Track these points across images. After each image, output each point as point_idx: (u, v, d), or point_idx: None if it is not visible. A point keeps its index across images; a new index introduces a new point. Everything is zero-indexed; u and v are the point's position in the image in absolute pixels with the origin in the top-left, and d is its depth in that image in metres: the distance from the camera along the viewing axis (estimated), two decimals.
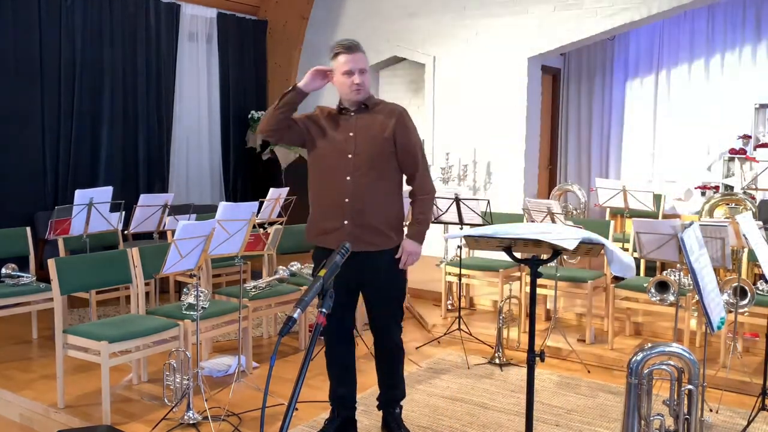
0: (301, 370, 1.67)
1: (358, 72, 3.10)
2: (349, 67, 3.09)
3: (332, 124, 3.21)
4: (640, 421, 2.57)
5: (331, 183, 3.17)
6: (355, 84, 3.10)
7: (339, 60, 3.11)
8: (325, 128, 3.20)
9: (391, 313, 3.33)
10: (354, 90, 3.12)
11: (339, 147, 3.16)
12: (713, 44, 8.44)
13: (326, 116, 3.24)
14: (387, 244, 3.21)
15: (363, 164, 3.13)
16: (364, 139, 3.15)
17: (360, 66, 3.10)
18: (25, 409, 3.88)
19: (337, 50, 3.12)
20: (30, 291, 4.76)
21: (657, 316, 5.19)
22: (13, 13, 6.53)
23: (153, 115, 7.79)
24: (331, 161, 3.17)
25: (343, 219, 3.14)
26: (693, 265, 2.67)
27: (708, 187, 7.93)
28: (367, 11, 8.46)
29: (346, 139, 3.16)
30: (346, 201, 3.13)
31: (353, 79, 3.10)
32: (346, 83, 3.12)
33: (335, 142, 3.17)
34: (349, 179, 3.13)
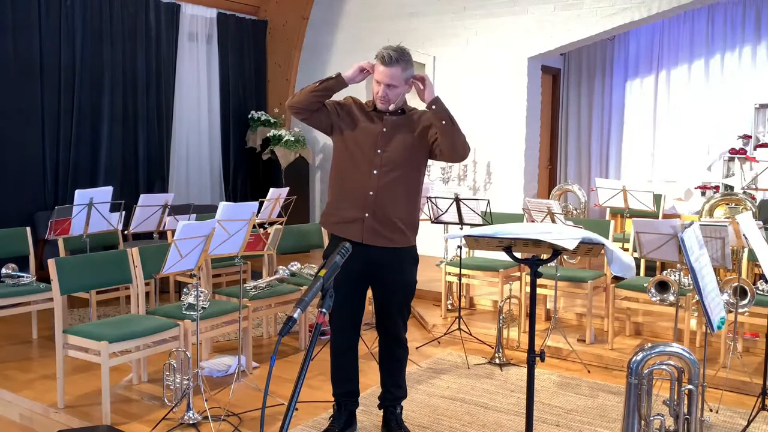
0: (301, 370, 1.67)
1: (385, 86, 3.16)
2: (378, 78, 3.17)
3: (365, 117, 3.25)
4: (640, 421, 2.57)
5: (358, 174, 3.20)
6: (378, 96, 3.19)
7: (376, 67, 3.20)
8: (358, 120, 3.25)
9: (400, 311, 3.36)
10: (378, 99, 3.20)
11: (369, 141, 3.20)
12: (713, 44, 8.45)
13: (360, 108, 3.29)
14: (403, 242, 3.25)
15: (391, 161, 3.18)
16: (395, 138, 3.21)
17: (388, 81, 3.15)
18: (25, 409, 3.88)
19: (378, 56, 3.20)
20: (30, 291, 4.76)
21: (657, 316, 5.19)
22: (13, 13, 6.53)
23: (153, 115, 7.79)
24: (360, 153, 3.20)
25: (365, 211, 3.18)
26: (693, 265, 2.67)
27: (708, 187, 7.94)
28: (367, 11, 8.46)
29: (377, 134, 3.20)
30: (370, 194, 3.17)
31: (378, 90, 3.18)
32: (374, 91, 3.22)
33: (366, 135, 3.21)
34: (376, 173, 3.17)
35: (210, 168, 8.58)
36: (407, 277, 3.34)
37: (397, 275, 3.29)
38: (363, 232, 3.17)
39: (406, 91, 3.24)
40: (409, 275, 3.35)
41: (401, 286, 3.33)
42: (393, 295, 3.33)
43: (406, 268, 3.32)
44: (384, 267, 3.25)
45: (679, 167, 8.60)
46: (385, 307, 3.36)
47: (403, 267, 3.30)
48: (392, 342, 3.40)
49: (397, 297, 3.34)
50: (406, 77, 3.19)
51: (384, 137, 3.20)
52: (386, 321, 3.37)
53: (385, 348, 3.43)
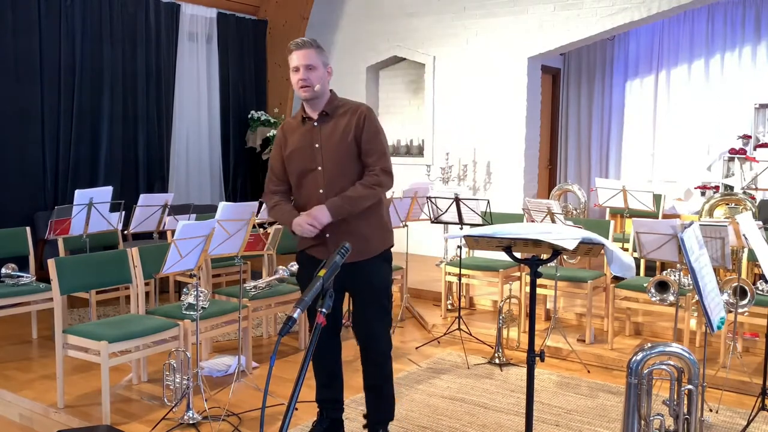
0: (301, 370, 1.67)
1: (304, 69, 3.00)
2: (294, 64, 3.02)
3: (297, 136, 3.12)
4: (640, 421, 2.57)
5: (306, 196, 3.10)
6: (299, 82, 3.02)
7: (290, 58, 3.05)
8: (291, 141, 3.12)
9: (379, 320, 3.17)
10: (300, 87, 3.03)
11: (307, 159, 3.07)
12: (713, 44, 8.45)
13: (290, 129, 3.17)
14: (372, 251, 3.11)
15: (334, 175, 3.04)
16: (330, 149, 3.05)
17: (304, 62, 2.99)
18: (25, 409, 3.88)
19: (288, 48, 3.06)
20: (30, 291, 4.76)
21: (657, 316, 5.19)
22: (13, 13, 6.53)
23: (153, 115, 7.79)
24: (302, 174, 3.09)
25: (324, 233, 3.04)
26: (693, 265, 2.67)
27: (708, 187, 7.94)
28: (367, 11, 8.46)
29: (313, 150, 3.07)
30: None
31: (298, 75, 3.01)
32: (294, 81, 3.05)
33: (302, 155, 3.08)
34: (323, 192, 3.05)
35: (210, 168, 8.58)
36: (382, 285, 3.18)
37: (374, 285, 3.13)
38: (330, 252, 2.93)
39: (326, 76, 3.08)
40: (383, 283, 3.19)
41: (378, 296, 3.15)
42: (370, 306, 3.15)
43: (380, 275, 3.15)
44: (358, 280, 3.08)
45: (679, 167, 8.61)
46: (363, 319, 3.18)
47: (377, 275, 3.14)
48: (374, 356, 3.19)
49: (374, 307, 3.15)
50: (323, 60, 3.05)
51: (320, 152, 3.06)
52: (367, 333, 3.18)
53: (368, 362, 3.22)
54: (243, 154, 8.85)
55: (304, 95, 3.04)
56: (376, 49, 8.40)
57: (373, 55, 8.47)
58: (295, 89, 3.07)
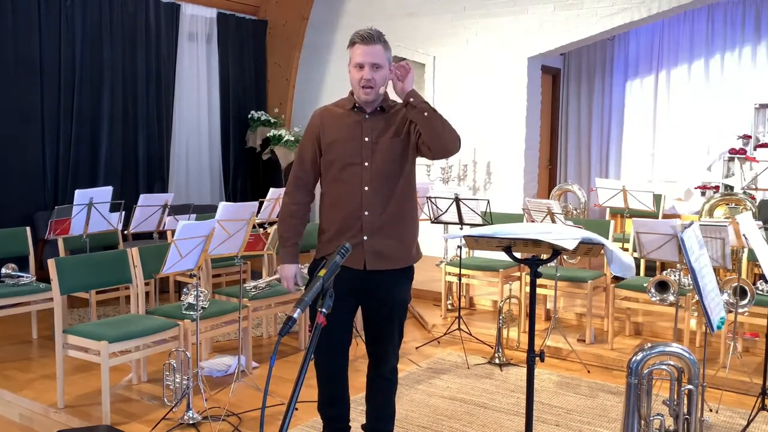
0: (301, 370, 1.67)
1: (369, 67, 2.73)
2: (360, 60, 2.75)
3: (342, 128, 2.83)
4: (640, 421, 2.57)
5: (346, 193, 2.82)
6: (363, 81, 2.75)
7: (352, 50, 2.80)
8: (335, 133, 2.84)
9: (394, 336, 2.97)
10: (362, 86, 2.76)
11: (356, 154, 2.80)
12: (713, 44, 8.45)
13: (332, 118, 2.88)
14: (408, 259, 2.91)
15: (380, 173, 2.79)
16: (380, 145, 2.80)
17: (372, 60, 2.72)
18: (25, 409, 3.88)
19: (352, 39, 2.80)
20: (30, 291, 4.76)
21: (657, 316, 5.19)
22: (13, 13, 6.53)
23: (153, 115, 7.78)
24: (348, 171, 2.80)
25: (362, 234, 2.79)
26: (693, 265, 2.67)
27: (708, 187, 7.94)
28: (367, 11, 8.45)
29: (361, 144, 2.80)
30: (365, 214, 2.80)
31: (363, 74, 2.75)
32: (355, 78, 2.78)
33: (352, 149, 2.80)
34: (367, 189, 2.79)
35: (210, 168, 8.58)
36: (404, 300, 2.97)
37: (396, 298, 2.90)
38: (365, 258, 2.79)
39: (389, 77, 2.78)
40: (406, 298, 2.99)
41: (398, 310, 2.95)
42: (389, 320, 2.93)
43: (405, 289, 2.96)
44: (383, 289, 2.87)
45: (679, 167, 8.60)
46: (378, 333, 2.96)
47: (403, 288, 2.94)
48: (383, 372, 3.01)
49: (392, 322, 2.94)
50: (389, 58, 2.78)
51: (369, 146, 2.80)
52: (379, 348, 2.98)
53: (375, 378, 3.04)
54: (243, 154, 8.85)
55: (365, 97, 2.77)
56: None
57: None
58: (353, 87, 2.81)
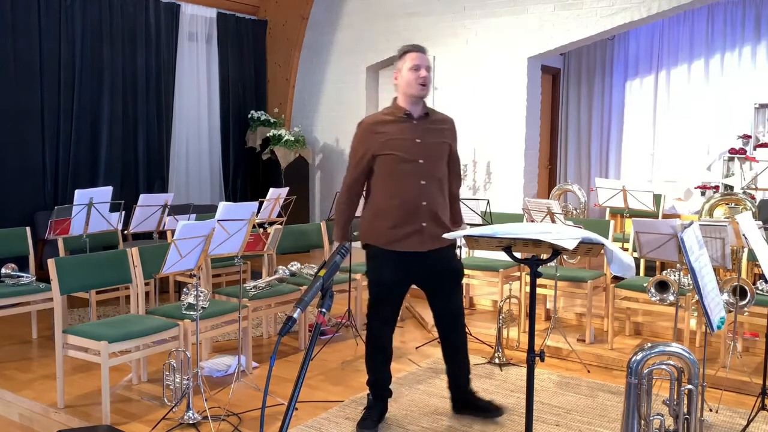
0: (301, 370, 1.67)
1: (425, 69, 3.34)
2: (419, 62, 3.33)
3: (396, 130, 3.36)
4: (640, 420, 2.57)
5: (407, 187, 3.34)
6: (420, 80, 3.31)
7: (407, 57, 3.35)
8: (391, 137, 3.35)
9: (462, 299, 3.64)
10: (420, 84, 3.32)
11: (411, 152, 3.34)
12: (713, 44, 8.45)
13: (382, 124, 3.39)
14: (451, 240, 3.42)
15: (433, 168, 3.38)
16: (430, 146, 3.39)
17: (428, 64, 3.37)
18: (25, 409, 3.88)
19: (405, 49, 3.40)
20: (30, 291, 4.76)
21: (657, 315, 5.19)
22: (13, 13, 6.53)
23: (153, 115, 7.79)
24: (406, 166, 3.33)
25: (422, 221, 3.34)
26: (693, 264, 2.67)
27: (708, 187, 7.93)
28: (367, 11, 8.46)
29: (414, 144, 3.35)
30: (423, 204, 3.34)
31: (420, 73, 3.31)
32: (412, 78, 3.32)
33: (408, 148, 3.34)
34: (424, 183, 3.34)
35: (210, 168, 8.58)
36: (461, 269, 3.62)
37: (456, 269, 3.55)
38: (424, 241, 3.35)
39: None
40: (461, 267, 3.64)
41: (459, 278, 3.59)
42: (455, 289, 3.55)
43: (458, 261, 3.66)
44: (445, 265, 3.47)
45: (679, 167, 8.60)
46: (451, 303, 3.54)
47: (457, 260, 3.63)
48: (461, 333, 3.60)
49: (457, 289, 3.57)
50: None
51: (422, 147, 3.36)
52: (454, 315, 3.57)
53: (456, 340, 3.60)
54: (243, 154, 8.85)
55: (422, 93, 3.36)
56: (376, 49, 8.40)
57: (373, 55, 8.46)
58: (411, 85, 3.34)
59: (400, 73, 3.38)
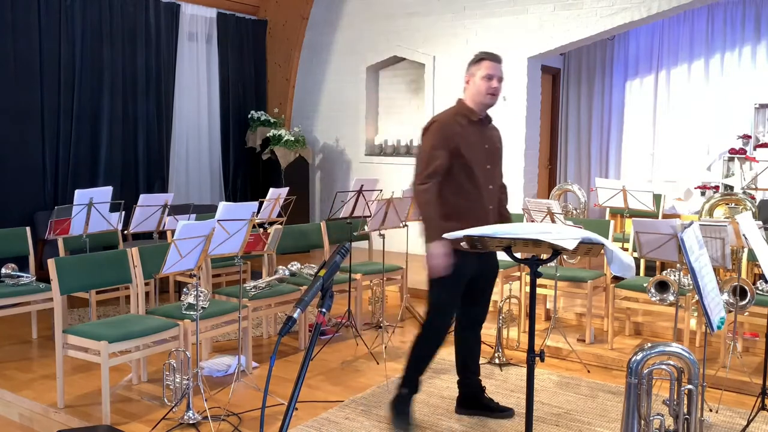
0: (301, 370, 1.67)
1: (498, 80, 3.40)
2: (493, 72, 3.38)
3: (471, 135, 3.43)
4: (640, 420, 2.57)
5: (477, 192, 3.42)
6: (492, 90, 3.38)
7: (482, 65, 3.40)
8: (467, 140, 3.41)
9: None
10: (490, 94, 3.39)
11: (481, 159, 3.44)
12: (713, 44, 8.45)
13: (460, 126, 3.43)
14: None
15: (496, 175, 3.53)
16: (494, 153, 3.53)
17: (501, 74, 3.42)
18: (25, 409, 3.88)
19: (481, 56, 3.44)
20: (30, 291, 4.76)
21: (657, 315, 5.19)
22: (13, 13, 6.53)
23: (153, 115, 7.79)
24: (475, 172, 3.41)
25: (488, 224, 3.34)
26: (693, 265, 2.67)
27: (708, 187, 7.93)
28: (367, 11, 8.46)
29: (485, 150, 3.47)
30: (490, 208, 3.47)
31: (492, 83, 3.38)
32: (483, 87, 3.39)
33: (478, 154, 3.43)
34: (491, 188, 3.48)
35: (210, 168, 8.58)
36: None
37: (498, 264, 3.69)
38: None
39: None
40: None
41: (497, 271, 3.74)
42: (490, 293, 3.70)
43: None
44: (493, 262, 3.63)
45: (679, 167, 8.60)
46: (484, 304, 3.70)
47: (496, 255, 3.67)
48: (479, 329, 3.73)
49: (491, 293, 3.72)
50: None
51: (489, 153, 3.48)
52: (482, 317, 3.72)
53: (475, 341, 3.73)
54: (243, 154, 8.85)
55: (492, 102, 3.45)
56: (376, 49, 8.40)
57: (373, 55, 8.47)
58: (481, 94, 3.42)
59: (473, 78, 3.43)
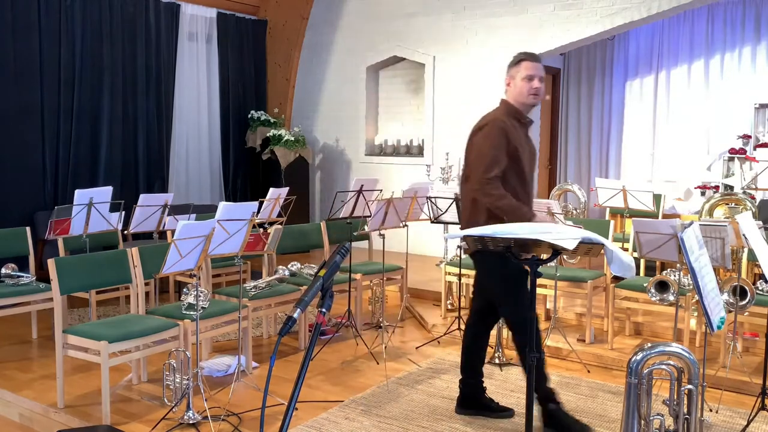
0: (301, 370, 1.67)
1: (539, 80, 3.32)
2: (534, 72, 3.31)
3: (522, 139, 3.37)
4: (640, 420, 2.57)
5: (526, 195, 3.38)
6: (534, 90, 3.31)
7: (521, 66, 3.33)
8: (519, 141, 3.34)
9: None
10: (532, 94, 3.32)
11: (531, 164, 3.41)
12: (713, 44, 8.45)
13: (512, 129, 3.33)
14: None
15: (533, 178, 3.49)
16: (535, 156, 3.49)
17: (541, 74, 3.34)
18: (25, 409, 3.88)
19: (520, 57, 3.37)
20: (30, 291, 4.76)
21: (657, 315, 5.19)
22: (13, 13, 6.53)
23: (153, 115, 7.79)
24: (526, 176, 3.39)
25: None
26: (693, 265, 2.67)
27: (708, 187, 7.93)
28: (367, 11, 8.46)
29: (530, 153, 3.42)
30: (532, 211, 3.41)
31: (533, 84, 3.30)
32: (524, 87, 3.32)
33: (528, 159, 3.39)
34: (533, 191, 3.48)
35: (210, 168, 8.59)
36: None
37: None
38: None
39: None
40: None
41: None
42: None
43: None
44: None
45: (679, 167, 8.60)
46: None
47: None
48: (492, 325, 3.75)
49: None
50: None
51: (533, 157, 3.44)
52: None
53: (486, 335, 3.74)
54: (243, 154, 8.85)
55: (534, 103, 3.38)
56: (376, 49, 8.40)
57: (373, 55, 8.47)
58: (523, 95, 3.34)
59: (513, 80, 3.36)
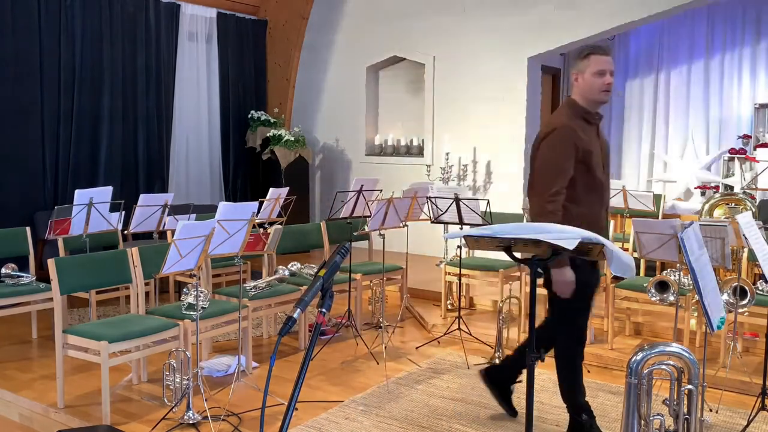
0: (301, 370, 1.67)
1: (610, 74, 3.12)
2: (605, 66, 3.11)
3: (590, 138, 3.19)
4: (640, 420, 2.57)
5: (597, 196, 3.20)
6: (605, 86, 3.12)
7: (591, 60, 3.11)
8: (589, 144, 3.17)
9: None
10: (604, 91, 3.13)
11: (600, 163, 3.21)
12: (713, 44, 8.44)
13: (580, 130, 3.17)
14: None
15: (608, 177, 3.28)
16: (606, 153, 3.30)
17: (613, 68, 3.14)
18: (25, 409, 3.88)
19: (589, 50, 3.15)
20: (30, 291, 4.76)
21: (657, 316, 5.19)
22: (13, 13, 6.53)
23: (153, 115, 7.79)
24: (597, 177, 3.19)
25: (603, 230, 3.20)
26: (693, 265, 2.67)
27: (708, 187, 7.94)
28: (367, 11, 8.46)
29: (600, 152, 3.23)
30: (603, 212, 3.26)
31: (605, 79, 3.11)
32: (596, 83, 3.12)
33: (598, 158, 3.20)
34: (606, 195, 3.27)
35: (210, 168, 8.59)
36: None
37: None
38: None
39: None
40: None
41: None
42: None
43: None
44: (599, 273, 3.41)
45: (679, 167, 8.60)
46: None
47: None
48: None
49: None
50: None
51: (605, 155, 3.26)
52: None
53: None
54: (243, 154, 8.85)
55: (605, 99, 3.20)
56: (376, 49, 8.40)
57: (373, 55, 8.46)
58: (594, 91, 3.14)
59: (582, 75, 3.15)
